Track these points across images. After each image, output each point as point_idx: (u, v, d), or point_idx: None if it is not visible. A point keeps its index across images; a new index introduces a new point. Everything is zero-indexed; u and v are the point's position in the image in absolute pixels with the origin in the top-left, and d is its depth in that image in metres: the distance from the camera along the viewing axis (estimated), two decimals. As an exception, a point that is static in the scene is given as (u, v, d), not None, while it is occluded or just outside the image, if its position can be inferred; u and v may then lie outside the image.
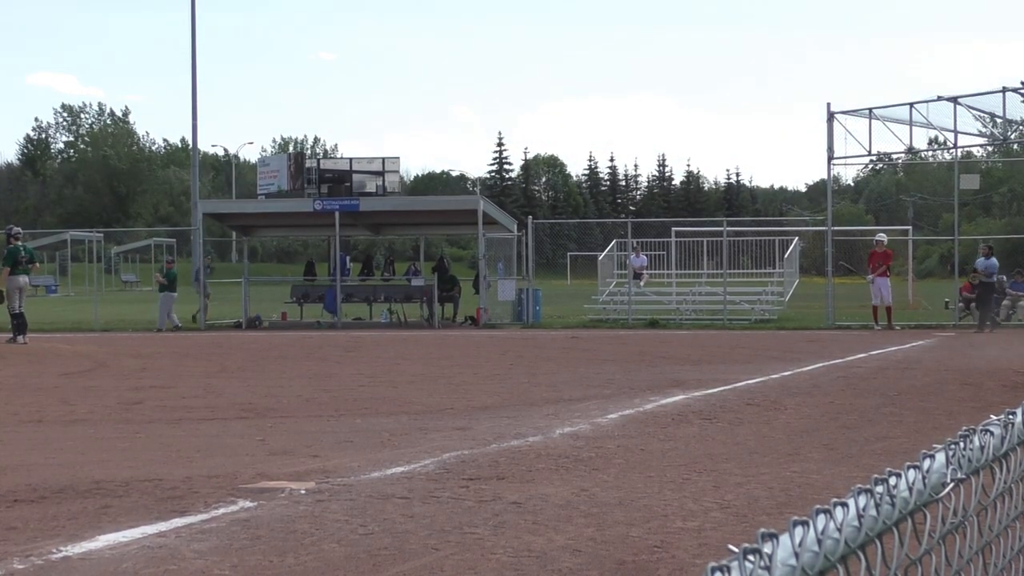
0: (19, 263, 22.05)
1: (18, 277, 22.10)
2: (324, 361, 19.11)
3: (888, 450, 9.06)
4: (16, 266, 21.99)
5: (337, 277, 31.06)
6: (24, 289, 22.47)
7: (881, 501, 1.58)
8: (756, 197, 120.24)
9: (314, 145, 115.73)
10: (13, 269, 21.96)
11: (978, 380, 14.61)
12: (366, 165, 31.31)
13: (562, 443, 9.44)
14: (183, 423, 11.16)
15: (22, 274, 22.25)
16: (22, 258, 22.19)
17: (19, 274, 22.11)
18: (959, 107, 26.71)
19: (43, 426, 11.06)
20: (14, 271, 21.98)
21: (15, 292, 21.96)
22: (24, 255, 22.34)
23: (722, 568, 1.19)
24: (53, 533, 6.23)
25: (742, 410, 11.68)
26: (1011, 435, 2.18)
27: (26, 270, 22.48)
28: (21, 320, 21.86)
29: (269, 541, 6.00)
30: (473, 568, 5.47)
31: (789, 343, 22.68)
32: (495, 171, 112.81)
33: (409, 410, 11.98)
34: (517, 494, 7.20)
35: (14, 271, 21.98)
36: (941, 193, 72.35)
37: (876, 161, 42.37)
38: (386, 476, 7.88)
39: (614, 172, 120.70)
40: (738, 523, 6.41)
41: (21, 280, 22.22)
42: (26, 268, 22.44)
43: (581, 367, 17.32)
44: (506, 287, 30.65)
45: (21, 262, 22.12)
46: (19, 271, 22.11)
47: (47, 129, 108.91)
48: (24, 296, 22.41)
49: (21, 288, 22.17)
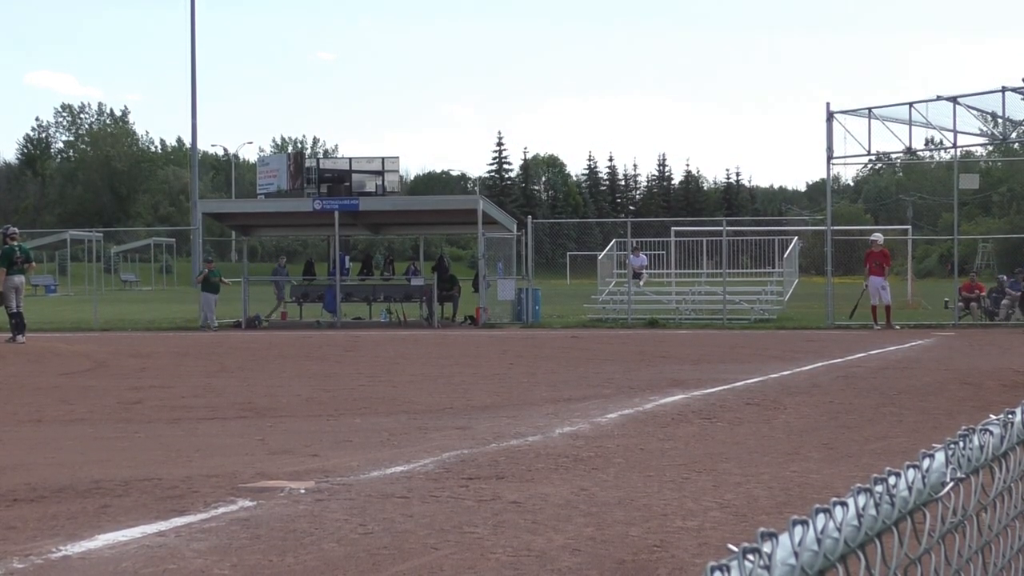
0: (15, 263, 22.14)
1: (15, 277, 22.22)
2: (324, 361, 19.11)
3: (887, 449, 9.06)
4: (12, 266, 22.07)
5: (337, 277, 31.05)
6: (21, 289, 22.59)
7: (881, 500, 1.58)
8: (755, 197, 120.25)
9: (314, 145, 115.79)
10: (9, 269, 22.04)
11: (978, 380, 14.61)
12: (365, 165, 31.29)
13: (562, 443, 9.44)
14: (182, 423, 11.16)
15: (18, 274, 22.36)
16: (18, 258, 22.26)
17: (15, 274, 22.22)
18: (958, 107, 26.70)
19: (42, 426, 11.06)
20: (10, 271, 22.06)
21: (11, 292, 22.07)
22: (20, 255, 22.40)
23: (722, 567, 1.19)
24: (52, 532, 6.23)
25: (742, 410, 11.68)
26: (1010, 434, 2.18)
27: (22, 270, 22.61)
28: (20, 320, 21.95)
29: (269, 540, 6.00)
30: (472, 567, 5.47)
31: (788, 343, 22.68)
32: (495, 171, 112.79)
33: (409, 409, 11.98)
34: (517, 493, 7.20)
35: (10, 271, 22.06)
36: (940, 193, 72.41)
37: (875, 161, 42.36)
38: (385, 475, 7.88)
39: (613, 172, 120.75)
40: (738, 522, 6.41)
41: (17, 280, 22.35)
42: (22, 268, 22.55)
43: (580, 367, 17.31)
44: (506, 287, 30.65)
45: (17, 262, 22.20)
46: (15, 271, 22.21)
47: (47, 129, 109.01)
48: (22, 295, 22.53)
49: (18, 288, 22.29)
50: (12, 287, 22.09)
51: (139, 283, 70.35)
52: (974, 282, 30.14)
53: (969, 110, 27.14)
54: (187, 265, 70.45)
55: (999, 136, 31.08)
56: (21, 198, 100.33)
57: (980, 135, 30.41)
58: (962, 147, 31.07)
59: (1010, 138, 30.30)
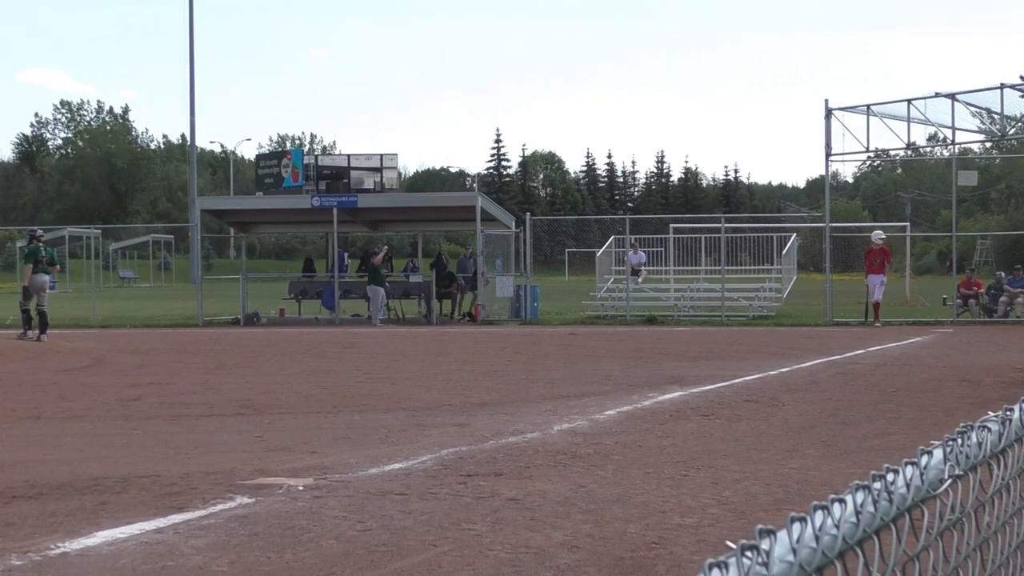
0: (40, 262, 22.86)
1: (39, 276, 22.88)
2: (322, 358, 19.10)
3: (886, 446, 9.07)
4: (37, 264, 22.79)
5: (335, 273, 31.03)
6: (45, 288, 23.16)
7: (879, 497, 1.58)
8: (754, 193, 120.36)
9: (312, 142, 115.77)
10: (35, 268, 22.75)
11: (976, 377, 14.62)
12: (364, 161, 31.25)
13: (560, 439, 9.44)
14: (181, 420, 11.16)
15: (42, 273, 22.99)
16: (42, 257, 22.96)
17: (40, 273, 22.88)
18: (957, 103, 26.70)
19: (41, 422, 11.06)
20: (35, 269, 22.77)
21: (36, 291, 22.75)
22: (44, 255, 23.12)
23: (720, 564, 1.19)
24: (51, 529, 6.23)
25: (740, 406, 11.68)
26: (1009, 431, 2.18)
27: (46, 270, 23.20)
28: (43, 318, 22.64)
29: (267, 537, 6.00)
30: (471, 564, 5.47)
31: (787, 339, 22.68)
32: (493, 168, 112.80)
33: (407, 406, 11.97)
34: (515, 490, 7.20)
35: (35, 269, 22.77)
36: (939, 189, 72.40)
37: (874, 158, 42.35)
38: (384, 472, 7.88)
39: (612, 168, 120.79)
40: (736, 519, 6.41)
41: (41, 280, 22.96)
42: (46, 268, 23.19)
43: (579, 363, 17.31)
44: (504, 283, 30.64)
45: (42, 261, 22.91)
46: (40, 270, 22.89)
47: (45, 126, 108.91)
48: (45, 295, 23.10)
49: (41, 287, 22.90)
50: (37, 286, 22.74)
51: (137, 280, 70.34)
52: (972, 279, 30.14)
53: (967, 107, 27.14)
54: (185, 262, 70.45)
55: (997, 133, 31.10)
56: (19, 195, 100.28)
57: (978, 132, 30.43)
58: (960, 144, 31.09)
59: (1008, 135, 30.30)
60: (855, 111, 27.73)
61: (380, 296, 29.19)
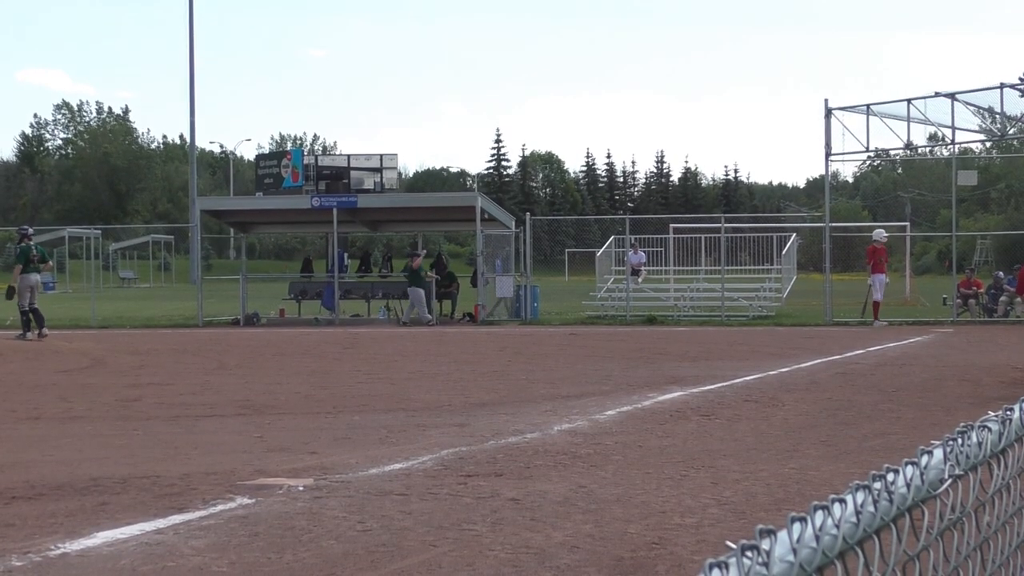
0: (31, 261, 23.07)
1: (30, 275, 23.15)
2: (322, 358, 19.10)
3: (886, 446, 9.06)
4: (28, 264, 23.01)
5: (335, 274, 31.02)
6: (36, 287, 23.46)
7: (879, 497, 1.58)
8: (754, 193, 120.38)
9: (312, 142, 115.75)
10: (26, 267, 22.98)
11: (976, 376, 14.62)
12: (364, 162, 31.24)
13: (560, 440, 9.44)
14: (181, 420, 11.15)
15: (33, 272, 23.23)
16: (34, 256, 23.17)
17: (31, 272, 23.12)
18: (957, 103, 26.69)
19: (41, 423, 11.05)
20: (26, 269, 22.99)
21: (27, 290, 23.00)
22: (35, 254, 23.31)
23: (720, 564, 1.19)
24: (51, 530, 6.23)
25: (740, 406, 11.68)
26: (1009, 431, 2.18)
27: (37, 268, 23.44)
28: (37, 315, 22.91)
29: (267, 538, 5.99)
30: (471, 565, 5.47)
31: (787, 339, 22.68)
32: (493, 168, 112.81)
33: (407, 407, 11.97)
34: (515, 491, 7.20)
35: (26, 269, 22.99)
36: (939, 189, 72.38)
37: (874, 157, 42.33)
38: (384, 473, 7.87)
39: (612, 169, 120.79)
40: (736, 519, 6.41)
41: (33, 278, 23.26)
42: (37, 267, 23.41)
43: (579, 364, 17.31)
44: (504, 283, 30.64)
45: (33, 260, 23.12)
46: (31, 269, 23.11)
47: (44, 126, 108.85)
48: (36, 294, 23.37)
49: (33, 286, 23.17)
50: (28, 285, 22.99)
51: (137, 280, 70.34)
52: (972, 279, 30.14)
53: (967, 106, 27.14)
54: (185, 262, 70.46)
55: (997, 132, 31.10)
56: (19, 195, 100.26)
57: (978, 132, 30.42)
58: (960, 144, 31.09)
59: (1008, 134, 30.30)
60: (855, 111, 27.73)
61: (421, 297, 29.22)
